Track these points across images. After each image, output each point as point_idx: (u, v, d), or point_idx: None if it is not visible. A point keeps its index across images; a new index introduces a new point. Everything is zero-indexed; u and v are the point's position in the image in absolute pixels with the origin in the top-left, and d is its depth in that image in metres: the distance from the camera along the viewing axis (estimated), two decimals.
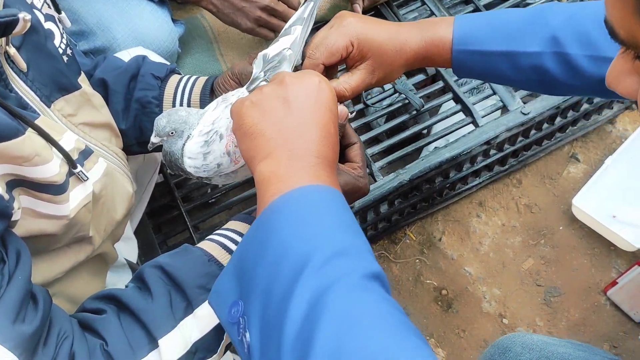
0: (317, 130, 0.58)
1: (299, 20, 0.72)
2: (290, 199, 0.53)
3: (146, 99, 0.83)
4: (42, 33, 0.65)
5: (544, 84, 0.74)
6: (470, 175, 1.31)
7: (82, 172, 0.64)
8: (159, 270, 0.64)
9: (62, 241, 0.67)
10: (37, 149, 0.57)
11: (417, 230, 1.38)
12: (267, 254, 0.50)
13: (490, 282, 1.31)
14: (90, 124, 0.72)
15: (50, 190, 0.60)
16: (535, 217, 1.37)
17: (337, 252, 0.49)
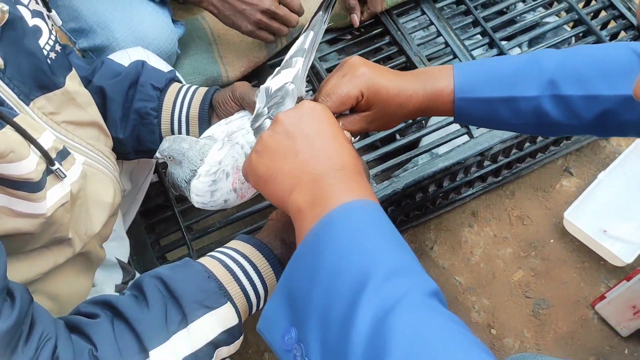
0: (328, 144, 0.60)
1: (299, 51, 0.72)
2: (333, 220, 0.53)
3: (145, 110, 0.83)
4: (22, 29, 0.64)
5: (543, 126, 0.75)
6: (463, 185, 1.32)
7: (59, 169, 0.63)
8: (158, 281, 0.65)
9: (39, 241, 0.66)
10: (12, 145, 0.57)
11: (409, 239, 1.38)
12: (320, 277, 0.50)
13: (480, 292, 1.32)
14: (74, 122, 0.72)
15: (26, 188, 0.60)
16: (526, 229, 1.38)
17: (394, 271, 0.49)
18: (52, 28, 0.71)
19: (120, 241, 0.99)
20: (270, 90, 0.71)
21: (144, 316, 0.61)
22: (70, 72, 0.73)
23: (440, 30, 1.32)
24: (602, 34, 1.30)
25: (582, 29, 1.32)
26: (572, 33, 1.33)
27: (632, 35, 1.31)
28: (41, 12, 0.69)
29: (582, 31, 1.33)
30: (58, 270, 0.71)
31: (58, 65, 0.70)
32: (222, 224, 1.15)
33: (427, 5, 1.35)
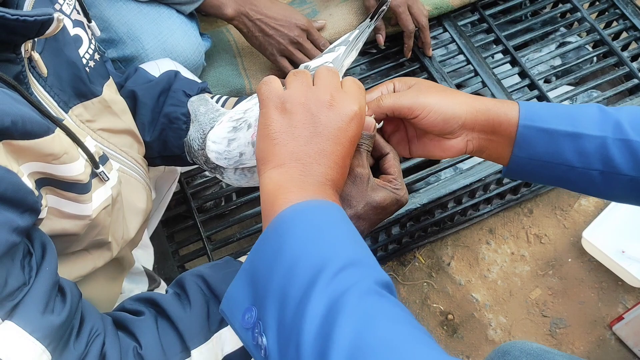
0: (335, 160, 0.60)
1: (344, 42, 0.73)
2: (302, 210, 0.55)
3: (175, 114, 0.85)
4: (63, 39, 0.66)
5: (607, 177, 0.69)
6: (482, 202, 1.33)
7: (103, 172, 0.65)
8: (200, 279, 0.65)
9: (82, 244, 0.68)
10: (66, 147, 0.58)
11: (427, 254, 1.39)
12: (282, 260, 0.52)
13: (496, 309, 1.31)
14: (109, 130, 0.74)
15: (76, 189, 0.62)
16: (544, 248, 1.38)
17: (350, 262, 0.52)
18: (92, 38, 0.73)
19: (145, 249, 1.00)
20: (309, 68, 0.71)
21: (186, 315, 0.62)
22: (108, 80, 0.75)
23: (462, 47, 1.33)
24: (623, 55, 1.31)
25: (604, 50, 1.33)
26: (594, 53, 1.34)
27: None
28: (82, 22, 0.71)
29: (604, 52, 1.33)
30: (92, 274, 0.72)
31: (96, 74, 0.72)
32: (243, 235, 1.16)
33: (449, 23, 1.37)
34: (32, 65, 0.63)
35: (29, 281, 0.53)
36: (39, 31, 0.57)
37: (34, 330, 0.52)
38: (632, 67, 1.29)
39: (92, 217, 0.65)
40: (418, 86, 0.70)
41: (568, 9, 1.40)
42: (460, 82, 1.31)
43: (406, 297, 1.34)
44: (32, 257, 0.55)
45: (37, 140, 0.54)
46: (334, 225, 0.55)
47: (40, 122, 0.55)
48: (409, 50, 1.29)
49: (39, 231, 0.59)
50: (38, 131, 0.55)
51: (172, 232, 1.18)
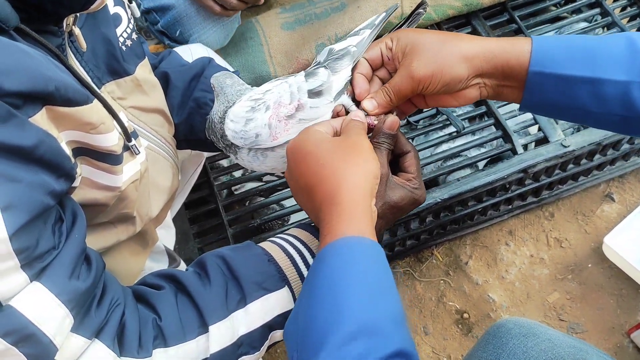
0: (325, 174, 0.61)
1: (369, 25, 0.73)
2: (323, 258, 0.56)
3: (204, 99, 0.86)
4: (101, 17, 0.68)
5: (629, 122, 0.64)
6: (503, 202, 1.32)
7: (135, 146, 0.67)
8: (220, 260, 0.67)
9: (108, 216, 0.69)
10: (103, 117, 0.60)
11: (445, 252, 1.38)
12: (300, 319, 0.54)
13: (513, 311, 1.30)
14: (140, 108, 0.75)
15: (109, 160, 0.63)
16: (564, 252, 1.36)
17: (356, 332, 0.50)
18: (131, 17, 0.75)
19: (167, 229, 1.01)
20: (333, 51, 0.72)
21: (206, 293, 0.64)
22: (143, 60, 0.77)
23: None
24: None
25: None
26: None
27: None
28: (123, 1, 0.73)
29: None
30: (118, 247, 0.74)
31: (132, 53, 0.74)
32: (263, 220, 1.17)
33: (478, 22, 1.37)
34: (71, 39, 0.64)
35: (59, 246, 0.55)
36: (84, 5, 0.59)
37: (60, 293, 0.53)
38: None
39: (122, 189, 0.66)
40: (412, 55, 0.67)
41: (598, 12, 1.39)
42: None
43: (422, 293, 1.34)
44: (63, 223, 0.57)
45: (78, 107, 0.56)
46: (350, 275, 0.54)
47: (81, 90, 0.57)
48: None
49: (71, 199, 0.61)
50: (79, 99, 0.56)
51: (194, 215, 1.20)
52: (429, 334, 1.29)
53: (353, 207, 0.58)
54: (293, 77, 0.73)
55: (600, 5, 1.39)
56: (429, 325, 1.30)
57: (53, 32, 0.61)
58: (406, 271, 1.36)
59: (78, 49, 0.64)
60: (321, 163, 0.61)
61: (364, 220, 0.58)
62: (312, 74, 0.71)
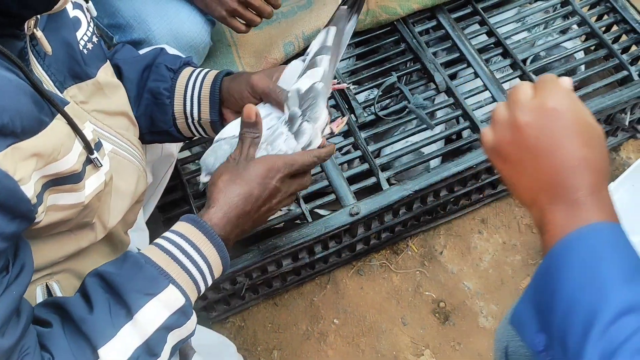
0: (576, 156, 0.56)
1: (323, 49, 0.73)
2: (572, 245, 0.53)
3: (158, 90, 0.85)
4: (60, 20, 0.68)
5: None
6: (474, 191, 1.34)
7: (97, 158, 0.66)
8: (98, 278, 0.66)
9: (67, 226, 0.68)
10: (62, 139, 0.59)
11: (419, 243, 1.40)
12: (558, 303, 0.51)
13: (488, 297, 1.33)
14: (104, 112, 0.74)
15: (71, 180, 0.63)
16: (535, 237, 1.39)
17: (626, 308, 0.49)
18: (90, 20, 0.74)
19: (140, 232, 1.01)
20: (300, 92, 0.73)
21: (90, 316, 0.62)
22: (105, 63, 0.76)
23: (455, 39, 1.35)
24: (614, 47, 1.33)
25: (594, 42, 1.35)
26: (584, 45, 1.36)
27: None
28: (81, 4, 0.73)
29: (594, 44, 1.36)
30: (85, 252, 0.73)
31: (93, 56, 0.74)
32: None
33: (443, 15, 1.39)
34: (32, 43, 0.64)
35: None
36: (48, 5, 0.59)
37: None
38: (622, 59, 1.31)
39: (85, 204, 0.66)
40: None
41: (559, 2, 1.42)
42: (453, 72, 1.33)
43: (399, 285, 1.36)
44: (6, 275, 0.56)
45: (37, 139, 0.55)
46: (607, 258, 0.52)
47: (35, 116, 0.56)
48: None
49: (24, 248, 0.60)
50: (34, 127, 0.55)
51: (168, 217, 1.20)
52: (407, 324, 1.31)
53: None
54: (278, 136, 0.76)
55: None
56: (406, 315, 1.32)
57: (16, 36, 0.60)
58: (382, 264, 1.38)
59: (40, 52, 0.64)
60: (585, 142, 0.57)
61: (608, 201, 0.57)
62: (299, 133, 0.74)
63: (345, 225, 1.15)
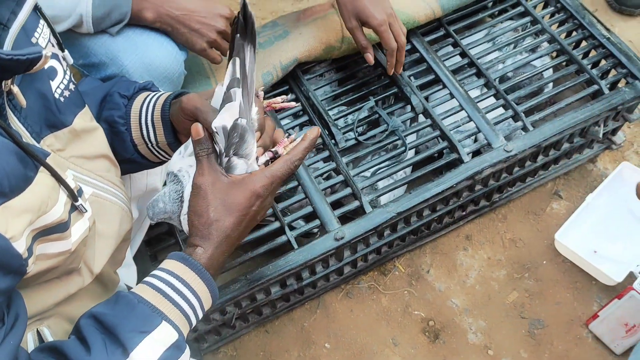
0: None
1: (234, 81, 0.73)
2: None
3: (112, 118, 0.86)
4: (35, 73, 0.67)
5: None
6: (457, 209, 1.37)
7: (81, 204, 0.67)
8: (92, 320, 0.67)
9: (55, 273, 0.70)
10: (48, 192, 0.61)
11: (406, 263, 1.42)
12: None
13: (476, 313, 1.35)
14: (83, 157, 0.75)
15: (58, 230, 0.64)
16: (519, 252, 1.42)
17: None
18: (67, 68, 0.76)
19: (127, 268, 1.02)
20: (226, 129, 0.74)
21: (88, 357, 0.63)
22: (83, 109, 0.77)
23: (429, 61, 1.39)
24: (583, 62, 1.37)
25: (565, 58, 1.39)
26: (555, 62, 1.40)
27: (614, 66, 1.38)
28: (57, 54, 0.74)
29: (565, 60, 1.40)
30: (76, 295, 0.74)
31: (70, 103, 0.74)
32: None
33: (416, 39, 1.42)
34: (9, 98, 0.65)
35: None
36: (28, 68, 0.60)
37: None
38: (592, 74, 1.35)
39: (72, 250, 0.67)
40: None
41: (529, 20, 1.46)
42: (428, 94, 1.36)
43: (388, 305, 1.37)
44: (2, 326, 0.57)
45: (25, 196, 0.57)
46: None
47: (21, 174, 0.57)
48: (392, 68, 1.29)
49: (17, 299, 0.61)
50: (21, 184, 0.57)
51: (155, 252, 1.21)
52: (398, 345, 1.32)
53: None
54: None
55: (530, 14, 1.46)
56: (397, 336, 1.33)
57: None
58: (371, 285, 1.40)
59: (17, 105, 0.65)
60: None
61: None
62: (230, 168, 0.76)
63: (331, 250, 1.17)
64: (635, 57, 1.35)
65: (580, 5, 1.45)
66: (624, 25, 1.76)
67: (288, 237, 1.18)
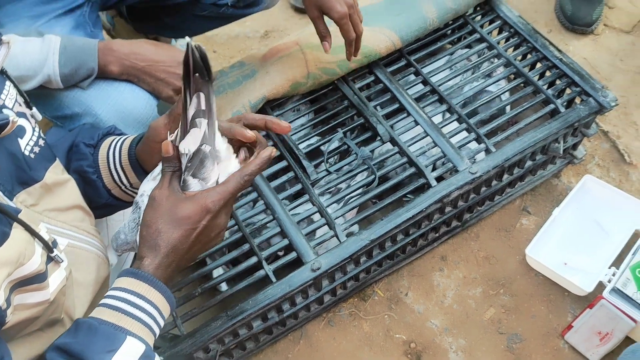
0: None
1: (199, 112, 0.77)
2: None
3: (81, 168, 0.89)
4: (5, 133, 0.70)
5: None
6: (430, 231, 1.41)
7: (57, 255, 0.70)
8: (58, 351, 0.69)
9: (37, 325, 0.71)
10: (24, 245, 0.63)
11: (385, 287, 1.45)
12: None
13: (455, 332, 1.38)
14: (56, 209, 0.78)
15: (36, 280, 0.66)
16: (493, 268, 1.46)
17: None
18: (35, 125, 0.78)
19: None
20: (190, 152, 0.77)
21: None
22: (53, 162, 0.80)
23: (393, 91, 1.44)
24: (539, 84, 1.43)
25: (521, 81, 1.46)
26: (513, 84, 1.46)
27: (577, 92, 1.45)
28: (24, 112, 0.77)
29: (522, 82, 1.46)
30: None
31: (41, 159, 0.77)
32: (203, 289, 1.21)
33: (379, 70, 1.48)
34: None
35: None
36: None
37: None
38: (547, 94, 1.41)
39: (51, 300, 0.69)
40: None
41: (485, 46, 1.53)
42: (394, 122, 1.41)
43: (369, 331, 1.40)
44: None
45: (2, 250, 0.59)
46: None
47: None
48: (350, 55, 1.32)
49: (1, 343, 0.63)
50: None
51: None
52: None
53: None
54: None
55: (486, 40, 1.53)
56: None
57: None
58: (352, 312, 1.42)
59: None
60: None
61: None
62: (186, 187, 0.79)
63: (309, 280, 1.20)
64: (588, 75, 1.42)
65: (533, 29, 1.52)
66: (578, 43, 1.85)
67: (266, 271, 1.21)
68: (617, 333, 1.27)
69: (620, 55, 1.81)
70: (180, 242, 0.77)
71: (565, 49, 1.82)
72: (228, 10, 1.43)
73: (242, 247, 1.25)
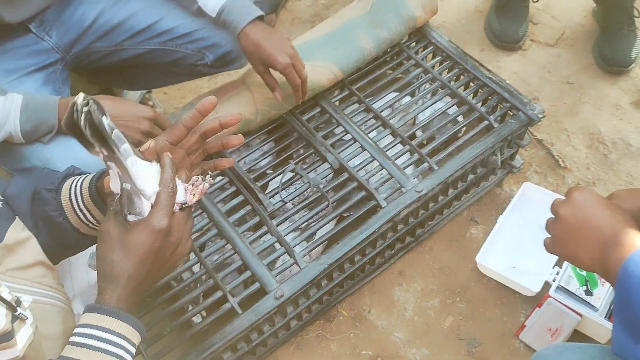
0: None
1: (105, 157, 0.79)
2: (629, 269, 0.74)
3: (46, 214, 0.91)
4: None
5: None
6: (385, 249, 1.48)
7: (22, 313, 0.72)
8: None
9: None
10: None
11: (348, 306, 1.52)
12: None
13: (418, 343, 1.45)
14: (18, 268, 0.80)
15: (4, 339, 0.69)
16: (448, 278, 1.54)
17: None
18: None
19: None
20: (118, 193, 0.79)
21: None
22: (13, 221, 0.83)
23: (339, 120, 1.52)
24: (472, 102, 1.54)
25: (456, 101, 1.56)
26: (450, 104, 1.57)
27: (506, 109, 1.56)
28: None
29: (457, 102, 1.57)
30: None
31: (0, 220, 0.80)
32: (173, 327, 1.25)
33: (324, 101, 1.56)
34: None
35: None
36: None
37: None
38: (481, 111, 1.52)
39: (20, 357, 0.71)
40: None
41: (422, 71, 1.63)
42: (342, 150, 1.49)
43: (337, 351, 1.45)
44: None
45: None
46: None
47: None
48: (299, 99, 1.43)
49: None
50: None
51: None
52: None
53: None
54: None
55: (421, 65, 1.64)
56: None
57: None
58: (319, 334, 1.48)
59: None
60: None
61: None
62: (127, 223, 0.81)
63: (274, 309, 1.25)
64: (516, 91, 1.54)
65: (462, 52, 1.63)
66: (508, 59, 1.98)
67: (231, 304, 1.26)
68: (566, 328, 1.37)
69: (548, 67, 1.95)
70: (136, 269, 0.77)
71: (497, 65, 1.95)
72: (204, 69, 1.49)
73: (207, 283, 1.29)
